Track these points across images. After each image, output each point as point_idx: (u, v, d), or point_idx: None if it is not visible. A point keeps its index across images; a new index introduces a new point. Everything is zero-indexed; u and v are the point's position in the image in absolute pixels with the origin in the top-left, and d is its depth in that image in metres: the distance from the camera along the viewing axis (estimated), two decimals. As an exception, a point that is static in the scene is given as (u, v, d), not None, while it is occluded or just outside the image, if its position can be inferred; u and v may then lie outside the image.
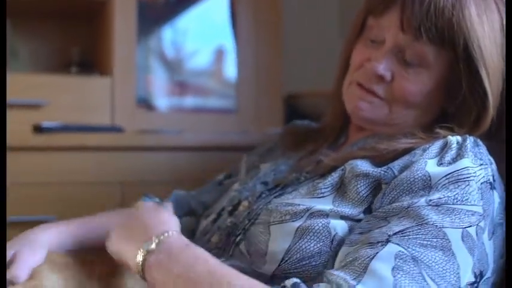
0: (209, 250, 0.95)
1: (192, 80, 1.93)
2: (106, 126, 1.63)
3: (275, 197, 0.96)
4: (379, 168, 0.90)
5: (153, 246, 0.84)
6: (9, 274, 0.91)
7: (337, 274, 0.77)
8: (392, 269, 0.76)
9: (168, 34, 1.95)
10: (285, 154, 1.13)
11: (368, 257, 0.78)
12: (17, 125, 1.58)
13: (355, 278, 0.75)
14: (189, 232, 1.15)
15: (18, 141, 1.52)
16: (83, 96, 1.66)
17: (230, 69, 1.92)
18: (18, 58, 1.78)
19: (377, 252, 0.78)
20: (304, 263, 0.85)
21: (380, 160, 0.92)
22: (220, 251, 0.95)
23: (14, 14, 1.81)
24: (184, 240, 0.86)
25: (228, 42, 1.91)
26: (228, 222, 0.99)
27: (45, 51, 1.95)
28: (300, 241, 0.86)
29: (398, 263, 0.76)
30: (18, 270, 0.93)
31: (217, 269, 0.79)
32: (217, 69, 1.98)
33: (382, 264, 0.76)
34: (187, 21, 1.95)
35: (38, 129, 1.54)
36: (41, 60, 1.93)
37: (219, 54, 1.96)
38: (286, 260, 0.86)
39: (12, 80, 1.62)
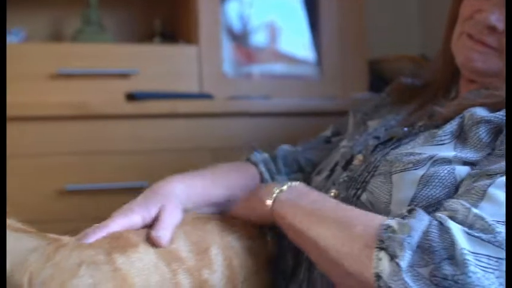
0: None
1: (272, 49, 1.93)
2: (196, 94, 1.65)
3: (392, 149, 0.95)
4: (500, 114, 0.88)
5: (285, 187, 0.92)
6: (155, 233, 0.86)
7: (454, 201, 0.77)
8: None
9: (233, 6, 1.94)
10: (393, 110, 1.11)
11: (485, 184, 0.77)
12: (109, 94, 1.61)
13: (472, 204, 0.75)
14: None
15: (111, 110, 1.56)
16: (170, 65, 1.68)
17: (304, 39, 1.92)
18: (104, 30, 1.81)
19: (495, 180, 0.77)
20: (430, 209, 0.83)
21: (499, 107, 0.90)
22: None
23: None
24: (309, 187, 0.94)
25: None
26: (344, 176, 0.99)
27: (129, 23, 1.98)
28: (424, 188, 0.85)
29: None
30: (164, 231, 0.87)
31: (340, 204, 0.86)
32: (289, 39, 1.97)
33: (500, 191, 0.76)
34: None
35: (131, 97, 1.57)
36: (125, 31, 1.96)
37: (284, 25, 1.95)
38: None
39: (102, 50, 1.66)
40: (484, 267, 0.69)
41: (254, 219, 0.97)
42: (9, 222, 0.84)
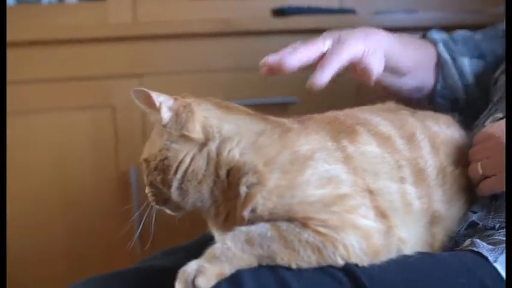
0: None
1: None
2: (339, 9, 1.63)
3: None
4: None
5: None
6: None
7: None
8: None
9: None
10: None
11: None
12: (252, 10, 1.62)
13: None
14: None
15: (257, 25, 1.56)
16: (309, -20, 1.67)
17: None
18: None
19: None
20: None
21: None
22: None
23: None
24: None
25: None
26: None
27: None
28: None
29: None
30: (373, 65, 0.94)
31: None
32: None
33: None
34: None
35: (278, 12, 1.57)
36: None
37: None
38: None
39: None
40: None
41: None
42: (233, 104, 0.87)
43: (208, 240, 0.87)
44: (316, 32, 1.56)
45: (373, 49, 0.95)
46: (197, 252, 0.77)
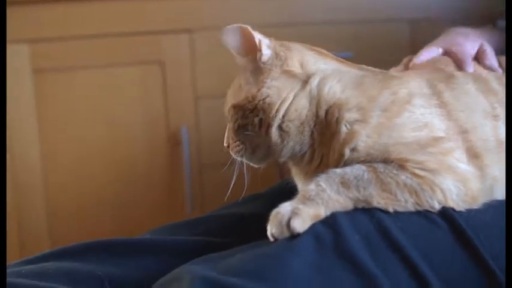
0: None
1: None
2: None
3: None
4: None
5: None
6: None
7: None
8: None
9: None
10: None
11: None
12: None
13: None
14: None
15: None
16: None
17: None
18: None
19: None
20: None
21: None
22: None
23: None
24: None
25: None
26: None
27: None
28: None
29: None
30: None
31: None
32: None
33: None
34: None
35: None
36: None
37: None
38: None
39: None
40: None
41: None
42: (321, 50, 0.85)
43: (288, 187, 0.86)
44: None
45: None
46: (276, 200, 0.76)
